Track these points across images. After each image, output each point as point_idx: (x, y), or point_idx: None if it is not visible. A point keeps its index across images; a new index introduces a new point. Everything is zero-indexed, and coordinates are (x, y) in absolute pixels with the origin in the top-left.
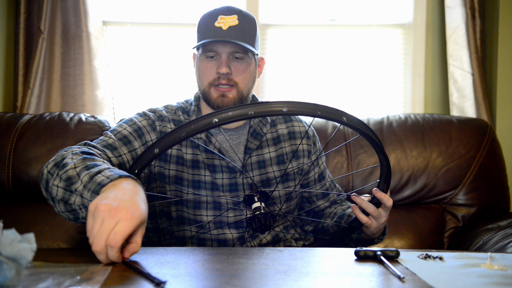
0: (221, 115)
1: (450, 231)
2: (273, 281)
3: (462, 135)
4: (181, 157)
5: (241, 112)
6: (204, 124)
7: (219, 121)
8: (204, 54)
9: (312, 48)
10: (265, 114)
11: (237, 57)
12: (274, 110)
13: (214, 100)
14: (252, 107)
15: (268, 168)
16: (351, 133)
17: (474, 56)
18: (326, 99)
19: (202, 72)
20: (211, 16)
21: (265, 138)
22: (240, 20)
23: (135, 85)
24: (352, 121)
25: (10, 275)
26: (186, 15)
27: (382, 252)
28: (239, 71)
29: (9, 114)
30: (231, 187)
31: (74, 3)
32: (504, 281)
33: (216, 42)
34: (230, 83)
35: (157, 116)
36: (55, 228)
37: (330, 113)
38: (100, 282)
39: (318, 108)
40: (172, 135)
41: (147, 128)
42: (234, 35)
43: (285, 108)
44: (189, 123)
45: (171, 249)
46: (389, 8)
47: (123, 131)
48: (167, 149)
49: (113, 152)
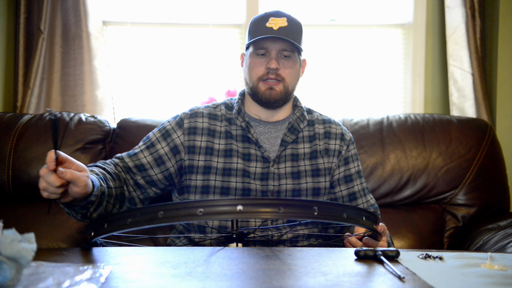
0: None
1: (450, 231)
2: (273, 281)
3: (462, 135)
4: (210, 148)
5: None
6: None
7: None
8: (255, 51)
9: (312, 48)
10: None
11: (285, 55)
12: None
13: (262, 93)
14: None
15: (300, 161)
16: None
17: (474, 56)
18: (326, 99)
19: (252, 67)
20: (262, 18)
21: (302, 134)
22: (289, 22)
23: (135, 85)
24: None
25: (10, 275)
26: (186, 15)
27: (382, 252)
28: (287, 67)
29: (9, 114)
30: (263, 175)
31: (74, 3)
32: (504, 281)
33: (266, 40)
34: (278, 78)
35: (190, 114)
36: (55, 228)
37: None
38: (100, 282)
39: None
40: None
41: (174, 127)
42: (284, 34)
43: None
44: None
45: (171, 249)
46: (389, 8)
47: (152, 137)
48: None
49: (132, 157)
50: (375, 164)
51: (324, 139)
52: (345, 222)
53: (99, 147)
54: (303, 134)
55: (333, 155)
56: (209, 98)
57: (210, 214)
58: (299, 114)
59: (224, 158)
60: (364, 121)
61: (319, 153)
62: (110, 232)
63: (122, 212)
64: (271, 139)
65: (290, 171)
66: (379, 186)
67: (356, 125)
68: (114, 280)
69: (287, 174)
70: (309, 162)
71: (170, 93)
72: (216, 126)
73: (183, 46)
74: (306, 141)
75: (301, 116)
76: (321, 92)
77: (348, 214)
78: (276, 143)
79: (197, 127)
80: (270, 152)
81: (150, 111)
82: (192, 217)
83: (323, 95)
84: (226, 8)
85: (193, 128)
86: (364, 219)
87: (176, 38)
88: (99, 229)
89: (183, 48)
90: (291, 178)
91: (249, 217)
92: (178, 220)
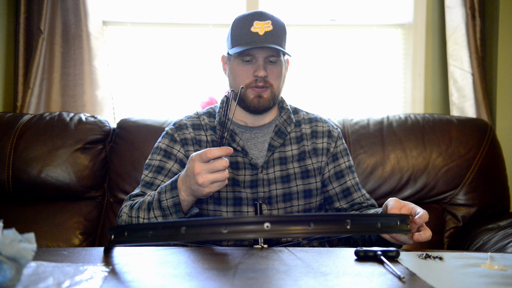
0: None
1: (450, 231)
2: (273, 281)
3: (462, 135)
4: None
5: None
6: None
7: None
8: (240, 58)
9: (312, 48)
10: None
11: (272, 60)
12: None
13: (250, 100)
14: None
15: (289, 164)
16: (350, 133)
17: (474, 56)
18: (326, 99)
19: (239, 75)
20: (246, 21)
21: (289, 136)
22: (273, 25)
23: (135, 85)
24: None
25: (10, 275)
26: (186, 15)
27: (382, 252)
28: (274, 73)
29: (9, 114)
30: (252, 183)
31: (74, 3)
32: (504, 281)
33: (253, 47)
34: (266, 85)
35: (175, 128)
36: (55, 228)
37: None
38: (100, 282)
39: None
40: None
41: (169, 144)
42: (270, 40)
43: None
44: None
45: (171, 249)
46: (389, 8)
47: (154, 163)
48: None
49: (152, 187)
50: (375, 164)
51: (311, 139)
52: (380, 231)
53: (99, 147)
54: (290, 136)
55: (322, 154)
56: (209, 98)
57: (235, 233)
58: (286, 117)
59: None
60: (364, 121)
61: (307, 153)
62: (128, 243)
63: (144, 224)
64: (258, 145)
65: (279, 175)
66: (379, 186)
67: (356, 125)
68: (114, 280)
69: (276, 178)
70: (298, 164)
71: (170, 93)
72: (201, 136)
73: (183, 46)
74: (293, 142)
75: (288, 119)
76: (321, 92)
77: (382, 223)
78: (263, 148)
79: (186, 138)
80: (258, 158)
81: (150, 111)
82: (216, 235)
83: (323, 95)
84: (226, 8)
85: (184, 140)
86: (399, 223)
87: (176, 38)
88: (119, 236)
89: (183, 48)
90: (281, 182)
91: (278, 236)
92: (201, 238)
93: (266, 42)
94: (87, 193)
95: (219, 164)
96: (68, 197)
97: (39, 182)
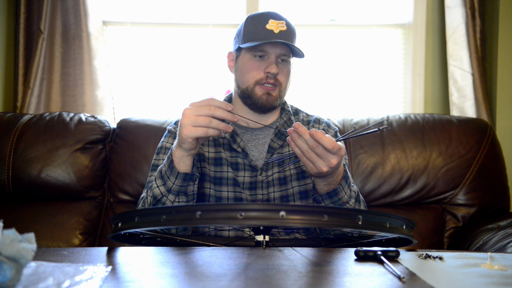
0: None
1: (450, 231)
2: (273, 281)
3: (462, 135)
4: (202, 155)
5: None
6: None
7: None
8: (252, 53)
9: (312, 48)
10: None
11: (283, 59)
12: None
13: (258, 97)
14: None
15: (286, 166)
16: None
17: (474, 56)
18: (326, 99)
19: (249, 70)
20: (261, 19)
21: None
22: (287, 26)
23: (135, 85)
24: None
25: (10, 275)
26: (186, 15)
27: (382, 252)
28: (284, 72)
29: (9, 114)
30: (251, 185)
31: (74, 3)
32: (504, 281)
33: (267, 43)
34: (275, 83)
35: (178, 126)
36: (55, 228)
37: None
38: (100, 282)
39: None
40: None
41: (173, 142)
42: (284, 39)
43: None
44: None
45: (171, 249)
46: (389, 8)
47: (160, 163)
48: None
49: None
50: (375, 164)
51: None
52: (386, 232)
53: (99, 147)
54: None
55: None
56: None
57: (251, 219)
58: (286, 119)
59: (215, 166)
60: (364, 121)
61: None
62: (141, 227)
63: (156, 208)
64: (259, 146)
65: (277, 176)
66: (379, 186)
67: (356, 125)
68: (114, 280)
69: (274, 181)
70: (294, 165)
71: (170, 93)
72: None
73: (183, 46)
74: None
75: (288, 120)
76: (321, 92)
77: (390, 224)
78: (264, 150)
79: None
80: (257, 160)
81: (150, 111)
82: (231, 220)
83: (323, 95)
84: (226, 8)
85: None
86: (405, 227)
87: (176, 38)
88: (128, 222)
89: (183, 48)
90: (278, 184)
91: (292, 225)
92: (217, 223)
93: (283, 40)
94: (87, 193)
95: (206, 108)
96: (68, 197)
97: (39, 182)
